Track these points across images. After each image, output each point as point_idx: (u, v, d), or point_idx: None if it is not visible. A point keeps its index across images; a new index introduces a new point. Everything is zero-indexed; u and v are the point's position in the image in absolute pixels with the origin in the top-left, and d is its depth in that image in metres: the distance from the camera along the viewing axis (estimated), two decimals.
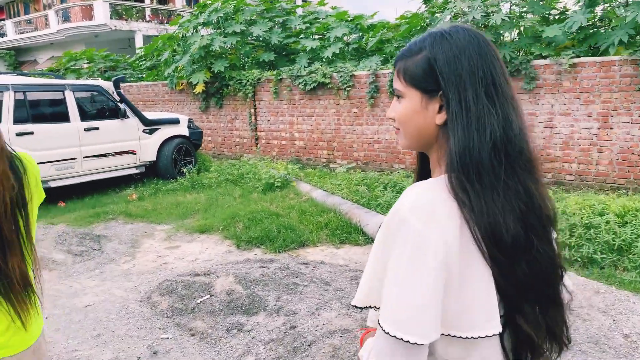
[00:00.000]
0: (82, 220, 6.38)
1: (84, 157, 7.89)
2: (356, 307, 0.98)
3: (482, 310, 0.90)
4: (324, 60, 10.64)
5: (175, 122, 9.17)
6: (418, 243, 0.87)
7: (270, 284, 4.06)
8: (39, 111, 7.64)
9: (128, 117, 8.37)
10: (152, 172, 8.91)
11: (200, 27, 11.99)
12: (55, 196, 7.58)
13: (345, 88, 9.24)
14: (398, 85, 1.03)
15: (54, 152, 7.52)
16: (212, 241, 5.62)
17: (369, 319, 1.26)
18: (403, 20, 9.83)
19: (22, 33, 27.25)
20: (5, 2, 30.65)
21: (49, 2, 27.82)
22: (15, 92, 7.27)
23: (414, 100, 0.99)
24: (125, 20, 22.69)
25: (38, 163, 1.69)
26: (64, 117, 7.72)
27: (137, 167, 8.64)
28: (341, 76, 9.26)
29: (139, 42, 22.91)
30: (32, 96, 7.50)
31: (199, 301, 3.83)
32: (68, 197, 7.82)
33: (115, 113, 8.27)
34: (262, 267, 4.48)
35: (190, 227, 6.05)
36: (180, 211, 6.74)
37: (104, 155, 8.12)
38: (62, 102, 7.73)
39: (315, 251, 5.19)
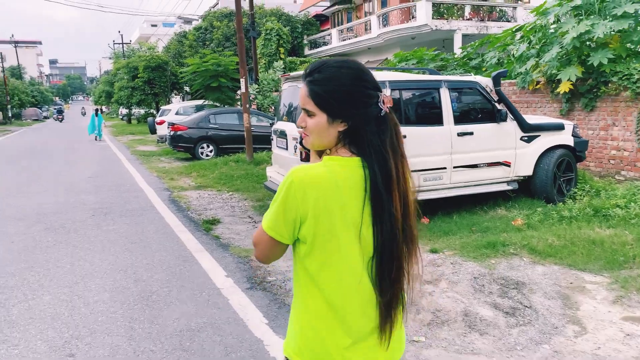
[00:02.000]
0: (473, 251, 5.03)
1: (454, 167, 6.67)
2: None
3: None
4: None
5: (559, 128, 7.26)
6: None
7: None
8: (412, 112, 6.72)
9: (505, 121, 6.83)
10: (523, 190, 7.21)
11: (566, 13, 9.77)
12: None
13: None
14: None
15: (425, 159, 6.48)
16: None
17: None
18: None
19: (344, 40, 29.25)
20: (332, 12, 33.61)
21: (370, 8, 29.20)
22: (391, 90, 6.45)
23: None
24: (446, 19, 21.85)
25: None
26: (437, 119, 6.62)
27: (508, 182, 7.05)
28: None
29: (457, 41, 21.82)
30: (406, 94, 6.59)
31: None
32: (432, 212, 6.72)
33: (491, 115, 6.83)
34: None
35: None
36: (606, 254, 4.80)
37: (475, 166, 6.77)
38: (436, 101, 6.63)
39: None
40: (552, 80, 9.79)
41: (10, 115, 53.26)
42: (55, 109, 67.00)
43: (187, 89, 36.73)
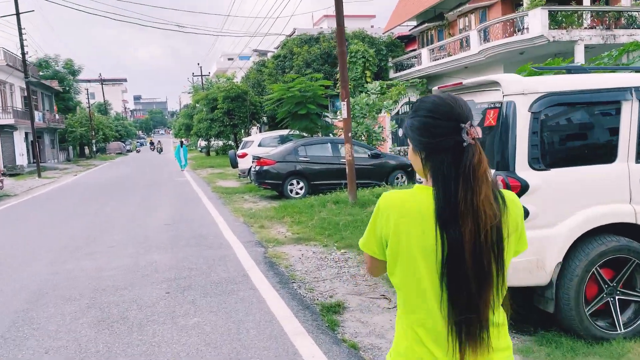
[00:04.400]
0: None
1: None
2: None
3: None
4: None
5: None
6: None
7: None
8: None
9: None
10: None
11: None
12: None
13: None
14: None
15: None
16: None
17: None
18: None
19: (436, 60, 26.65)
20: (419, 31, 31.19)
21: (466, 23, 26.50)
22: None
23: None
24: (565, 29, 18.74)
25: None
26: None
27: None
28: None
29: (579, 54, 18.59)
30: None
31: None
32: None
33: None
34: None
35: None
36: None
37: None
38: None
39: None
40: None
41: (95, 149, 54.82)
42: (138, 142, 68.93)
43: (264, 119, 35.51)
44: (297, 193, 13.10)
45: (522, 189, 3.80)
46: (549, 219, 3.85)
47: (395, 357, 1.52)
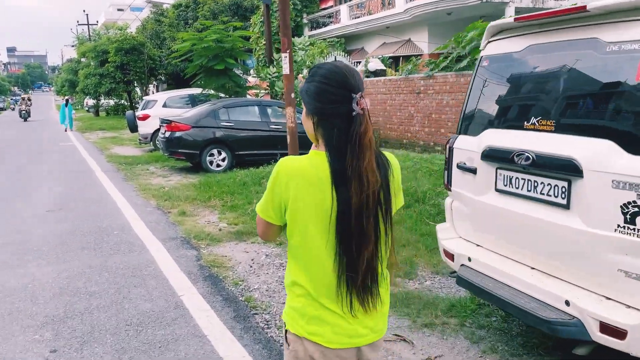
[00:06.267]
0: None
1: None
2: None
3: None
4: None
5: None
6: None
7: None
8: None
9: None
10: None
11: None
12: None
13: None
14: None
15: None
16: None
17: None
18: None
19: (357, 17, 24.89)
20: None
21: None
22: None
23: None
24: None
25: None
26: None
27: None
28: None
29: (508, 18, 17.69)
30: None
31: None
32: None
33: None
34: None
35: None
36: None
37: None
38: None
39: None
40: None
41: None
42: (13, 99, 60.96)
43: (162, 77, 31.82)
44: (218, 165, 10.85)
45: None
46: None
47: (290, 313, 1.60)
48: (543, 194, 2.79)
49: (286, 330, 1.63)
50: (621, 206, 2.37)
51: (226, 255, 5.36)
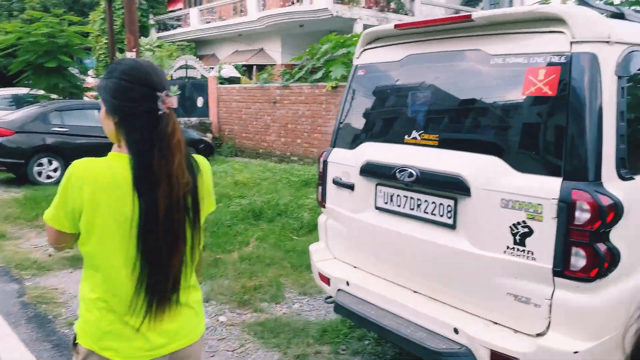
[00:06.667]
0: None
1: None
2: None
3: None
4: None
5: None
6: None
7: None
8: None
9: None
10: None
11: None
12: None
13: None
14: None
15: None
16: None
17: None
18: None
19: (208, 23, 24.09)
20: None
21: None
22: None
23: None
24: (347, 5, 18.39)
25: None
26: None
27: None
28: None
29: (358, 33, 18.51)
30: None
31: None
32: None
33: None
34: None
35: None
36: None
37: None
38: None
39: None
40: None
41: None
42: None
43: None
44: (49, 177, 9.46)
45: (616, 214, 2.09)
46: (631, 261, 2.25)
47: (82, 326, 1.49)
48: (427, 212, 2.61)
49: (76, 343, 1.51)
50: (510, 227, 2.25)
51: (57, 288, 4.46)
